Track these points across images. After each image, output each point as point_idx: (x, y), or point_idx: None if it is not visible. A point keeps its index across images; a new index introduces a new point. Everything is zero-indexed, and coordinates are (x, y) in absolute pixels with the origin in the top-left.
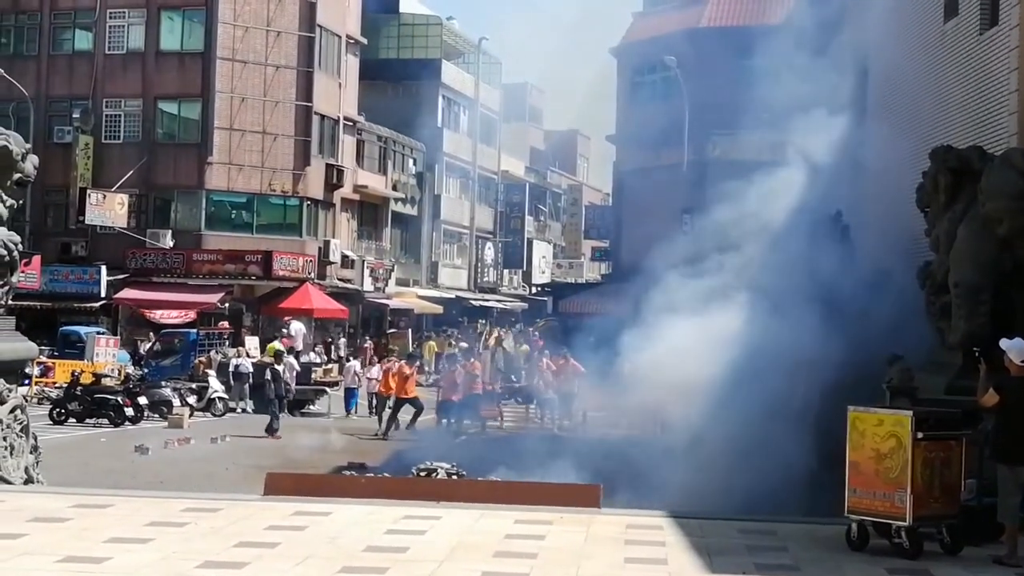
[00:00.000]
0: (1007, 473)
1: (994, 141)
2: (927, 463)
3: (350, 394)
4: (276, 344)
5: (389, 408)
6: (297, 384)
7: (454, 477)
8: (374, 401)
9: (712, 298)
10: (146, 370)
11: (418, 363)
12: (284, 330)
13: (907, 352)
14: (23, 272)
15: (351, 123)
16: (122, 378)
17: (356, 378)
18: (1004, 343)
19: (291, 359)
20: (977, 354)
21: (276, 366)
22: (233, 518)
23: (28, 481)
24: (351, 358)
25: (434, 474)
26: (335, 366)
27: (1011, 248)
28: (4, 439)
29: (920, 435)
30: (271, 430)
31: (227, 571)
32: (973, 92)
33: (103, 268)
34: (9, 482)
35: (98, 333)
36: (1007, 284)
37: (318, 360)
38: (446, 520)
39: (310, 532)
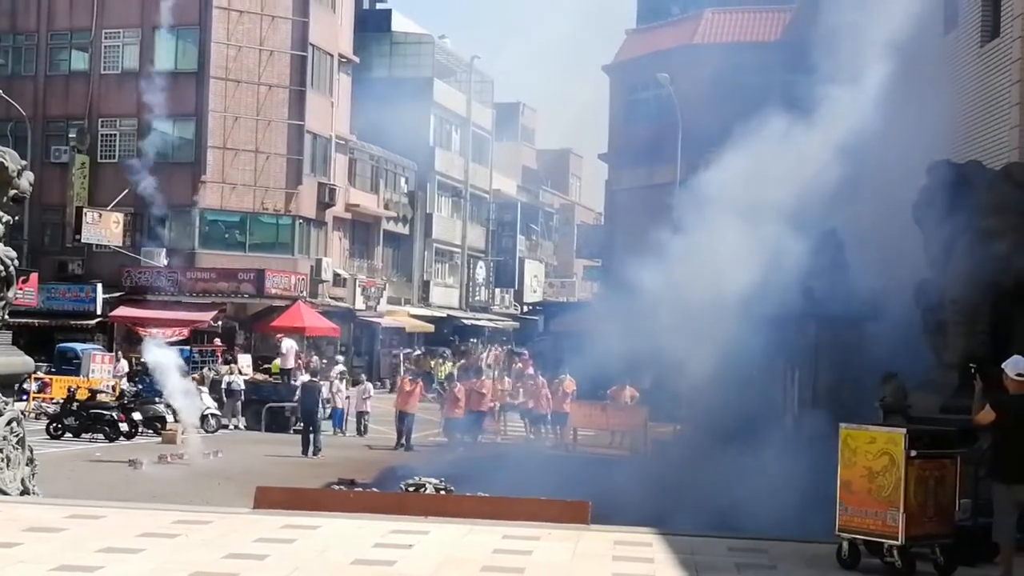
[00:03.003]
0: (1003, 492)
1: (994, 155)
2: (921, 482)
3: (335, 413)
4: (279, 362)
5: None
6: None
7: (442, 492)
8: (362, 420)
9: None
10: (140, 386)
11: (420, 379)
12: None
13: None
14: (21, 289)
15: (343, 142)
16: (117, 394)
17: (335, 397)
18: (1004, 364)
19: (302, 376)
20: (973, 370)
21: (322, 384)
22: (223, 530)
23: (24, 492)
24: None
25: (423, 489)
26: (327, 384)
27: (1010, 264)
28: (1, 451)
29: (913, 453)
30: (316, 449)
31: None
32: (973, 105)
33: (99, 286)
34: (5, 493)
35: (94, 350)
36: (1006, 301)
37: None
38: (434, 535)
39: (299, 545)
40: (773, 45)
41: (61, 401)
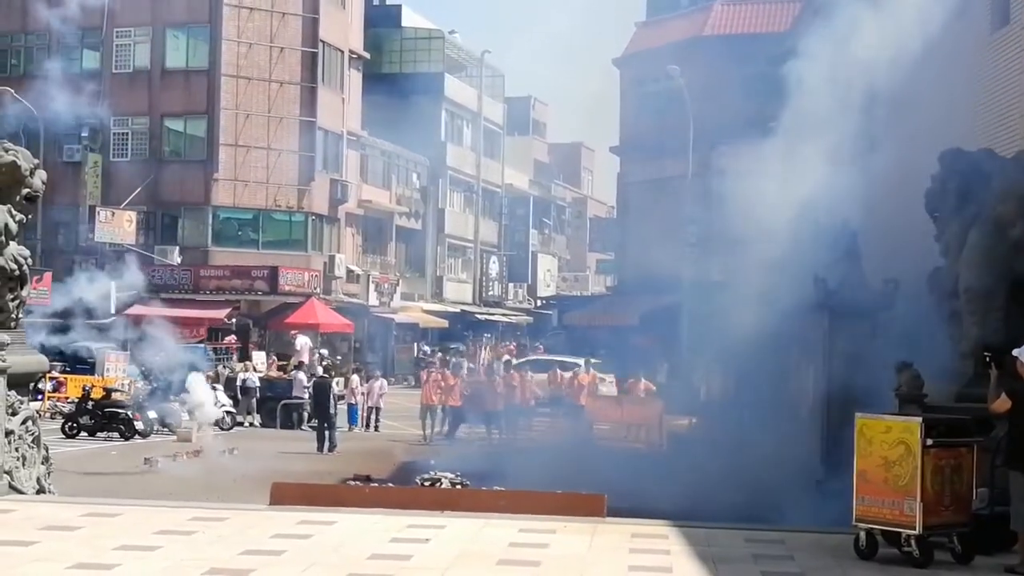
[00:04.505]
0: (1020, 480)
1: (1005, 143)
2: (937, 471)
3: (351, 409)
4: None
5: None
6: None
7: (458, 487)
8: (374, 416)
9: None
10: (155, 384)
11: (462, 372)
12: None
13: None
14: (34, 289)
15: (355, 138)
16: (132, 392)
17: (354, 394)
18: (1016, 351)
19: (300, 374)
20: (988, 358)
21: (327, 379)
22: (239, 527)
23: (40, 491)
24: (355, 374)
25: (438, 484)
26: (341, 380)
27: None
28: (16, 450)
29: (930, 442)
30: (332, 446)
31: None
32: (983, 94)
33: (113, 285)
34: (21, 492)
35: (108, 349)
36: (1020, 289)
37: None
38: (450, 529)
39: (315, 540)
40: (783, 36)
41: (76, 400)
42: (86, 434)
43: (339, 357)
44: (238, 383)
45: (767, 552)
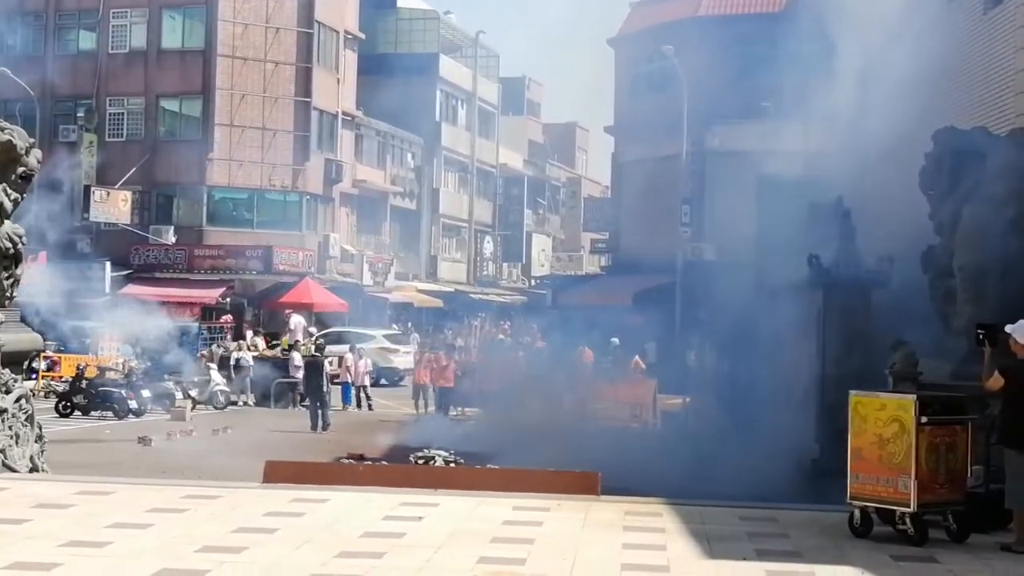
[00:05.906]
0: (1015, 458)
1: (998, 122)
2: (932, 448)
3: (345, 388)
4: (287, 338)
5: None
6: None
7: (452, 464)
8: (361, 394)
9: None
10: (149, 363)
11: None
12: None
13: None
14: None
15: (350, 118)
16: (126, 371)
17: (348, 372)
18: (1009, 327)
19: (296, 354)
20: (982, 336)
21: (319, 358)
22: (232, 505)
23: (33, 469)
24: (349, 352)
25: (432, 461)
26: (335, 360)
27: (1019, 230)
28: (10, 428)
29: (924, 419)
30: (325, 424)
31: (226, 555)
32: (976, 72)
33: (107, 264)
34: (15, 470)
35: (103, 328)
36: (1015, 267)
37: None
38: (443, 507)
39: (308, 518)
40: (777, 16)
41: (70, 379)
42: (80, 413)
43: None
44: (232, 362)
45: (761, 530)
